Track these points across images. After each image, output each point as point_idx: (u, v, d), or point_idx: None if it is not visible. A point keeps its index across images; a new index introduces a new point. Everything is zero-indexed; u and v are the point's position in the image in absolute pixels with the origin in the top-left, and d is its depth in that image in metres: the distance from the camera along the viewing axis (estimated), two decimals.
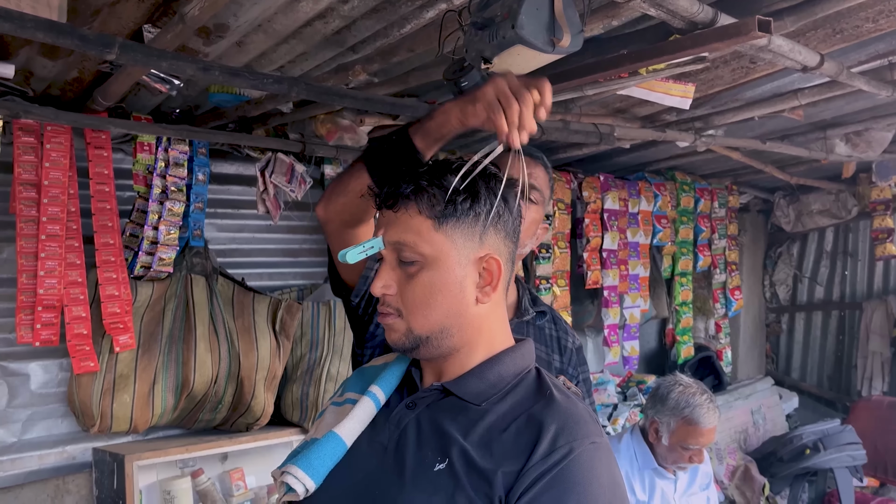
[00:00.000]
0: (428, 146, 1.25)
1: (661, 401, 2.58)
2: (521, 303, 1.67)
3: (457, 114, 1.21)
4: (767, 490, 4.37)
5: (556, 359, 1.67)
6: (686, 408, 2.51)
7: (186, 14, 1.71)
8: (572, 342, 1.72)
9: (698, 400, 2.52)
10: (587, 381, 1.74)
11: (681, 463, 2.59)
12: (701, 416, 2.50)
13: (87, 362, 2.67)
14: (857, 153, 3.61)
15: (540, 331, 1.68)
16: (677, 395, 2.55)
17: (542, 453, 1.00)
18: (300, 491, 1.09)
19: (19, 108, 2.44)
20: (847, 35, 2.09)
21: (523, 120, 1.13)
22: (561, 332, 1.71)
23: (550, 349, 1.68)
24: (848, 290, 5.53)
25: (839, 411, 5.37)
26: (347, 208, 1.35)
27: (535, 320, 1.68)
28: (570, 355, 1.70)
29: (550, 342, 1.68)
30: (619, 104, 2.95)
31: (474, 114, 1.18)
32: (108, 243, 2.75)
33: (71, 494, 2.85)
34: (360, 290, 1.45)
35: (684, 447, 2.54)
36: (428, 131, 1.24)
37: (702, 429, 2.50)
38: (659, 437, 2.57)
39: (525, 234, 1.60)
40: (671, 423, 2.53)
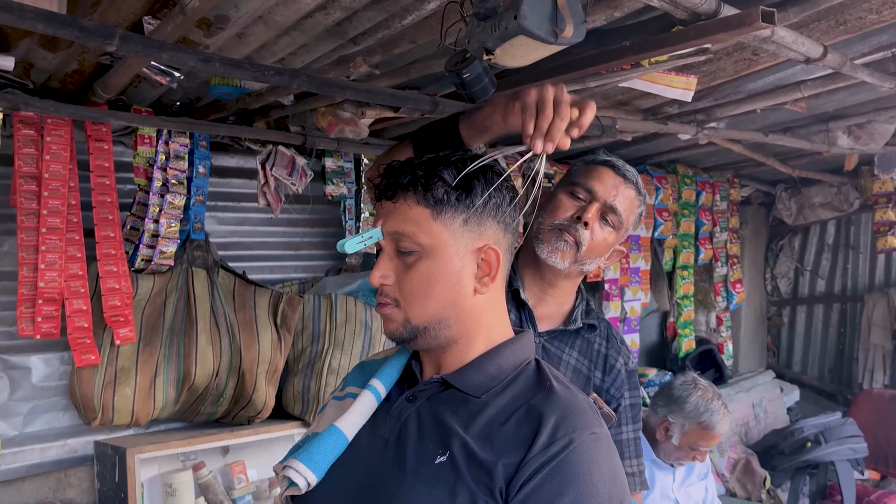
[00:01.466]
0: (472, 136, 1.28)
1: (677, 403, 2.57)
2: (574, 313, 1.62)
3: (501, 108, 1.23)
4: (768, 483, 4.37)
5: (598, 375, 1.61)
6: (704, 413, 2.53)
7: (187, 5, 1.70)
8: (624, 364, 1.64)
9: (715, 406, 2.54)
10: (635, 407, 1.66)
11: (683, 461, 2.60)
12: (717, 422, 2.53)
13: (88, 355, 2.68)
14: (860, 146, 3.60)
15: (588, 344, 1.62)
16: (696, 399, 2.55)
17: (541, 444, 1.00)
18: (302, 485, 1.09)
19: (19, 101, 2.43)
20: (850, 26, 2.08)
21: (553, 131, 1.14)
22: (612, 350, 1.64)
23: (594, 364, 1.62)
24: (849, 282, 5.53)
25: (840, 404, 5.37)
26: None
27: (585, 332, 1.62)
28: (615, 375, 1.62)
29: (596, 357, 1.62)
30: (621, 96, 2.94)
31: (513, 111, 1.20)
32: (109, 236, 2.74)
33: (73, 487, 2.85)
34: None
35: (693, 448, 2.56)
36: (474, 121, 1.28)
37: (715, 434, 2.54)
38: (669, 436, 2.57)
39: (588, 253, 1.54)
40: (686, 426, 2.54)
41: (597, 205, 1.54)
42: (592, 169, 1.58)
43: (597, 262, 1.58)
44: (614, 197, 1.55)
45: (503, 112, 1.23)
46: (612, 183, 1.56)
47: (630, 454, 1.65)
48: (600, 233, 1.55)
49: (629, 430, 1.64)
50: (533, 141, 1.15)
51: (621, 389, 1.63)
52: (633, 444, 1.65)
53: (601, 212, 1.55)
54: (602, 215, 1.55)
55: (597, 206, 1.54)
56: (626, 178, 1.58)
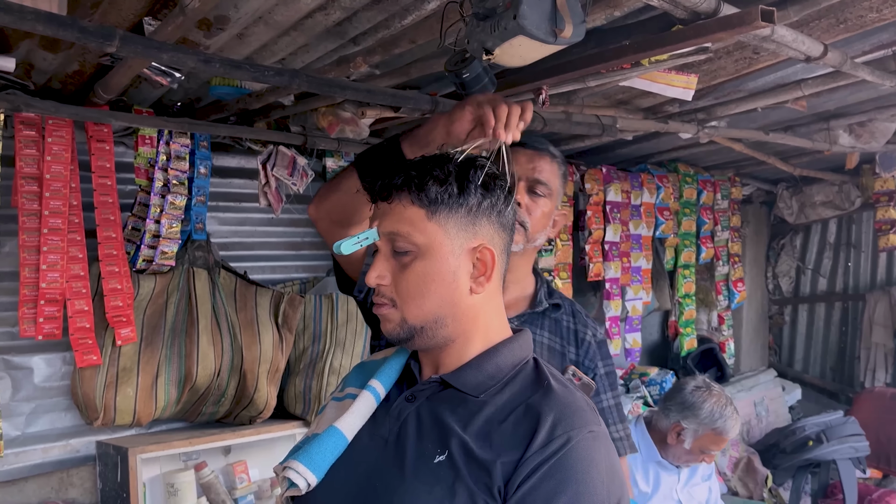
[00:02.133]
0: (415, 152, 1.31)
1: (691, 409, 2.58)
2: (538, 295, 1.68)
3: (444, 120, 1.30)
4: (770, 482, 4.37)
5: (572, 350, 1.68)
6: (719, 419, 2.55)
7: (187, 6, 1.70)
8: (592, 335, 1.71)
9: (728, 411, 2.57)
10: (610, 375, 1.74)
11: (692, 463, 2.62)
12: (730, 427, 2.56)
13: (90, 356, 2.68)
14: (861, 144, 3.60)
15: (556, 323, 1.69)
16: (711, 406, 2.56)
17: (539, 443, 1.00)
18: (302, 485, 1.10)
19: (20, 102, 2.44)
20: (851, 25, 2.08)
21: (510, 119, 1.24)
22: (580, 324, 1.71)
23: (566, 341, 1.68)
24: (851, 281, 5.52)
25: (842, 403, 5.36)
26: (337, 206, 1.42)
27: (551, 312, 1.68)
28: (587, 347, 1.69)
29: (567, 334, 1.69)
30: (621, 95, 2.94)
31: (461, 118, 1.27)
32: (111, 237, 2.75)
33: (75, 487, 2.86)
34: (363, 285, 1.49)
35: (704, 451, 2.59)
36: (416, 138, 1.33)
37: (726, 438, 2.58)
38: (680, 440, 2.57)
39: (534, 229, 1.63)
40: (699, 431, 2.56)
41: (521, 183, 1.61)
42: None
43: (544, 234, 1.67)
44: (533, 170, 1.63)
45: (446, 124, 1.29)
46: (526, 159, 1.64)
47: (614, 420, 1.71)
48: (535, 206, 1.63)
49: (608, 397, 1.72)
50: (496, 130, 1.22)
51: (595, 360, 1.70)
52: (615, 410, 1.73)
53: (528, 187, 1.63)
54: (530, 190, 1.62)
55: (521, 185, 1.61)
56: (537, 149, 1.67)
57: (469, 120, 1.27)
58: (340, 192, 1.40)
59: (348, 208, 1.40)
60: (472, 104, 1.27)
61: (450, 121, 1.29)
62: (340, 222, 1.43)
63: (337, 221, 1.43)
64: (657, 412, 2.69)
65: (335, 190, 1.42)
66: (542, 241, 1.69)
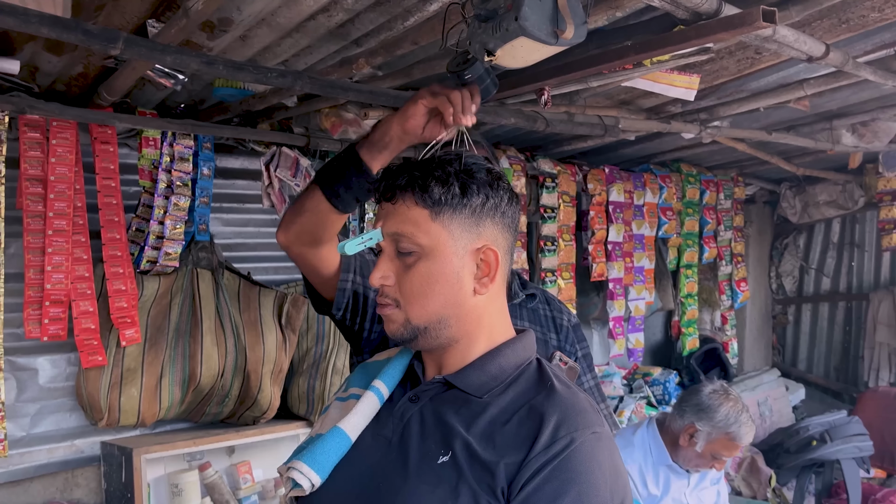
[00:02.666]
0: (374, 158, 1.31)
1: (706, 411, 2.55)
2: (511, 287, 1.70)
3: (397, 120, 1.29)
4: (774, 481, 4.37)
5: (553, 337, 1.70)
6: (734, 424, 2.51)
7: (190, 8, 1.71)
8: (568, 320, 1.74)
9: (744, 418, 2.54)
10: (588, 357, 1.77)
11: (702, 468, 2.60)
12: (745, 434, 2.53)
13: (96, 356, 2.69)
14: (864, 143, 3.60)
15: (533, 312, 1.70)
16: (727, 410, 2.53)
17: (543, 444, 1.00)
18: (306, 486, 1.10)
19: (25, 104, 2.45)
20: (853, 25, 2.08)
21: (464, 104, 1.26)
22: (555, 311, 1.74)
23: (546, 329, 1.70)
24: (855, 280, 5.51)
25: (846, 402, 5.36)
26: (306, 228, 1.38)
27: (527, 303, 1.70)
28: (566, 333, 1.72)
29: (546, 322, 1.71)
30: (623, 96, 2.94)
31: (414, 113, 1.27)
32: (115, 238, 2.76)
33: (80, 487, 2.87)
34: (340, 303, 1.47)
35: (715, 457, 2.56)
36: (372, 143, 1.32)
37: (740, 444, 2.54)
38: (693, 442, 2.55)
39: None
40: (713, 435, 2.53)
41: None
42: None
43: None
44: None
45: (400, 122, 1.29)
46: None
47: (596, 400, 1.74)
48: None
49: (589, 378, 1.75)
50: (456, 116, 1.25)
51: (574, 344, 1.73)
52: (595, 390, 1.76)
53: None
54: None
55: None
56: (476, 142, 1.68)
57: (423, 114, 1.28)
58: (307, 214, 1.37)
59: (318, 228, 1.38)
60: (424, 98, 1.27)
61: (403, 118, 1.28)
62: (312, 243, 1.40)
63: (308, 243, 1.40)
64: (671, 414, 2.67)
65: (301, 212, 1.38)
66: None
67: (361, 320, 1.50)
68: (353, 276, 1.47)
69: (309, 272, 1.47)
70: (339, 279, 1.46)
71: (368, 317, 1.49)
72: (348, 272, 1.46)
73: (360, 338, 1.51)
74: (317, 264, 1.43)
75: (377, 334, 1.51)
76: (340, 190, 1.32)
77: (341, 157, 1.34)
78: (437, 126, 1.28)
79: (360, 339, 1.52)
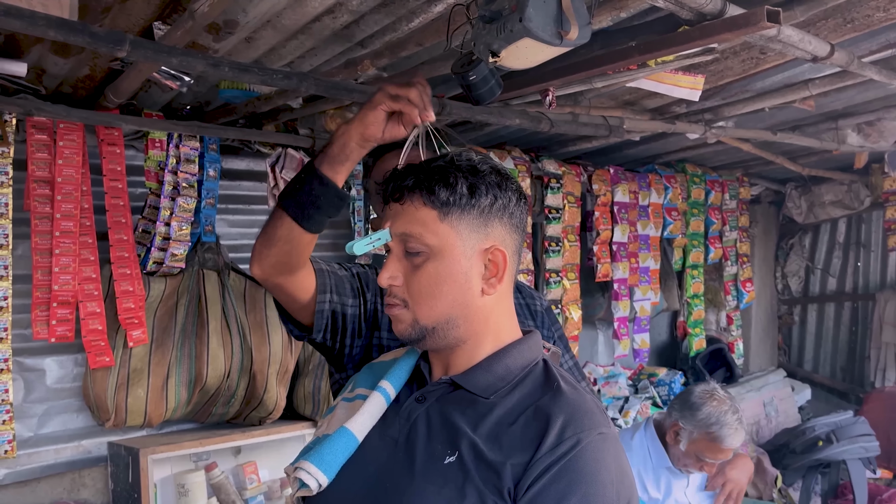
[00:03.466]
0: (336, 172, 1.26)
1: (690, 409, 2.53)
2: None
3: (355, 128, 1.23)
4: (780, 482, 4.35)
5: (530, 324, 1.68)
6: (714, 424, 2.47)
7: (196, 10, 1.72)
8: (540, 304, 1.74)
9: (728, 419, 2.48)
10: (563, 338, 1.77)
11: (691, 469, 2.57)
12: (726, 436, 2.46)
13: (103, 357, 2.70)
14: (870, 143, 3.59)
15: None
16: (710, 409, 2.49)
17: (549, 445, 1.01)
18: (313, 486, 1.11)
19: (32, 106, 2.46)
20: (858, 24, 2.08)
21: (424, 100, 1.21)
22: (527, 297, 1.73)
23: (523, 316, 1.69)
24: (861, 280, 5.50)
25: (852, 403, 5.34)
26: (281, 257, 1.32)
27: None
28: (541, 318, 1.72)
29: (521, 310, 1.69)
30: (628, 96, 2.94)
31: (374, 119, 1.22)
32: (122, 239, 2.77)
33: (87, 488, 2.88)
34: (320, 325, 1.42)
35: (700, 458, 2.52)
36: (332, 157, 1.26)
37: (723, 447, 2.48)
38: (678, 440, 2.54)
39: None
40: (694, 433, 2.50)
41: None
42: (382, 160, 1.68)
43: None
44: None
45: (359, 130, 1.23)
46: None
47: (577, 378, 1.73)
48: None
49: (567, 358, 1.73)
50: (423, 114, 1.20)
51: (551, 329, 1.72)
52: (575, 369, 1.75)
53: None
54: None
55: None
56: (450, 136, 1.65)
57: (383, 119, 1.23)
58: (280, 243, 1.30)
59: (292, 254, 1.32)
60: (383, 102, 1.22)
61: (363, 125, 1.23)
62: (288, 271, 1.35)
63: (285, 272, 1.35)
64: (665, 412, 2.68)
65: (273, 243, 1.31)
66: None
67: (342, 338, 1.46)
68: (329, 296, 1.42)
69: (286, 300, 1.41)
70: (317, 301, 1.41)
71: (349, 333, 1.46)
72: (325, 293, 1.41)
73: (341, 355, 1.48)
74: (293, 290, 1.38)
75: (359, 348, 1.48)
76: (310, 210, 1.26)
77: (301, 178, 1.28)
78: (396, 126, 1.24)
79: (341, 357, 1.48)
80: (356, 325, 1.46)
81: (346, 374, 1.48)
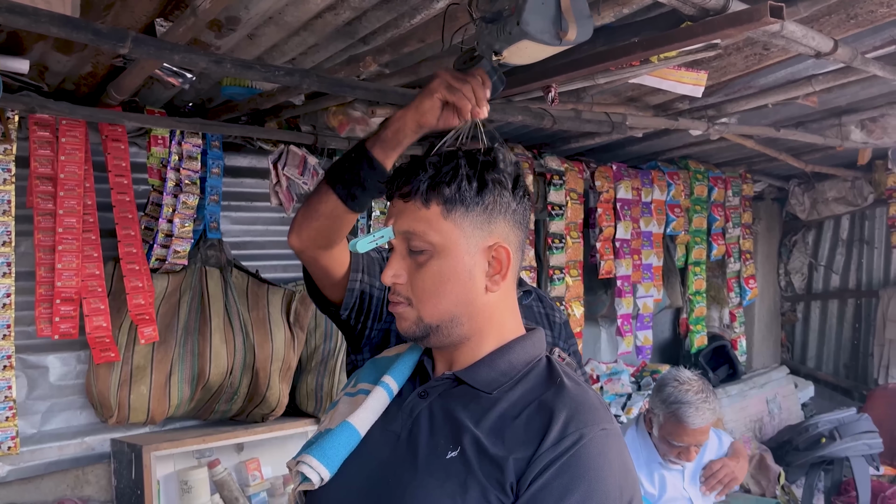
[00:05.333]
0: (387, 156, 1.29)
1: (657, 390, 2.52)
2: None
3: (412, 115, 1.27)
4: (783, 479, 4.35)
5: (548, 334, 1.70)
6: (674, 404, 2.42)
7: (198, 7, 1.72)
8: (559, 317, 1.76)
9: (689, 398, 2.41)
10: (576, 354, 1.79)
11: (670, 457, 2.52)
12: (687, 415, 2.39)
13: (108, 352, 2.71)
14: (873, 140, 3.58)
15: (528, 309, 1.71)
16: (671, 388, 2.45)
17: (552, 440, 1.00)
18: (315, 480, 1.10)
19: (35, 103, 2.46)
20: (861, 20, 2.07)
21: (479, 95, 1.24)
22: (548, 308, 1.75)
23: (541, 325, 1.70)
24: (864, 277, 5.49)
25: (855, 400, 5.33)
26: (321, 232, 1.37)
27: (522, 300, 1.70)
28: (559, 330, 1.73)
29: (540, 319, 1.72)
30: (630, 93, 2.94)
31: (431, 108, 1.25)
32: (130, 234, 2.77)
33: (90, 485, 2.89)
34: (349, 303, 1.46)
35: (670, 443, 2.48)
36: (385, 141, 1.29)
37: (687, 428, 2.41)
38: (652, 426, 2.55)
39: None
40: (660, 417, 2.48)
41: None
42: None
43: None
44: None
45: (415, 118, 1.26)
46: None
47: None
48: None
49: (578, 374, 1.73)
50: (475, 111, 1.24)
51: (568, 341, 1.74)
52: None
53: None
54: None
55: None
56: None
57: (438, 107, 1.26)
58: (322, 218, 1.35)
59: (332, 230, 1.37)
60: (440, 91, 1.24)
61: (418, 113, 1.26)
62: (326, 245, 1.39)
63: (322, 246, 1.39)
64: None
65: (315, 216, 1.36)
66: None
67: (365, 319, 1.50)
68: (361, 276, 1.46)
69: (320, 275, 1.46)
70: (349, 279, 1.45)
71: (372, 315, 1.50)
72: (357, 272, 1.46)
73: (361, 337, 1.52)
74: (329, 265, 1.43)
75: (378, 332, 1.52)
76: (357, 191, 1.30)
77: (352, 158, 1.31)
78: (451, 116, 1.26)
79: (360, 338, 1.52)
80: (379, 308, 1.49)
81: (362, 357, 1.51)
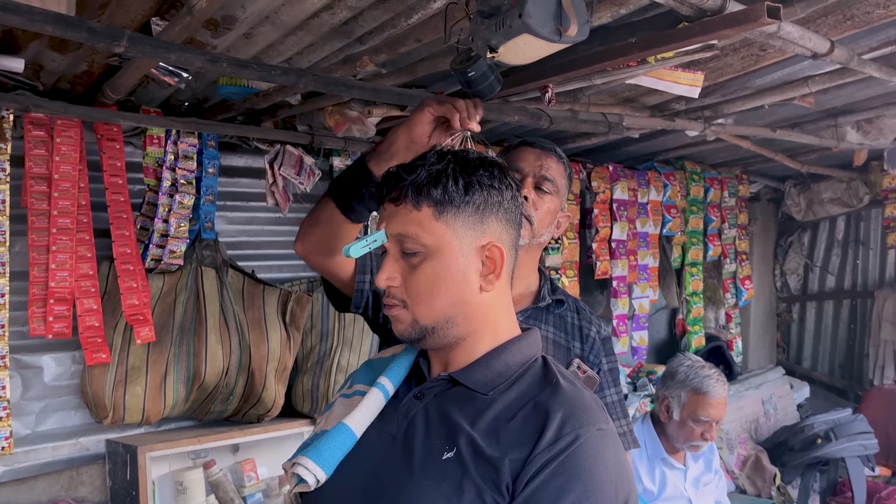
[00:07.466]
0: (381, 168, 1.34)
1: (670, 377, 2.63)
2: (541, 291, 1.72)
3: (403, 129, 1.36)
4: (779, 479, 4.36)
5: (577, 346, 1.71)
6: (695, 378, 2.56)
7: (194, 6, 1.71)
8: (596, 332, 1.75)
9: (706, 372, 2.59)
10: (613, 371, 1.78)
11: (693, 441, 2.58)
12: (710, 385, 2.55)
13: (100, 354, 2.70)
14: (869, 141, 3.59)
15: (560, 318, 1.72)
16: (686, 369, 2.61)
17: (548, 440, 1.00)
18: (311, 482, 1.10)
19: (29, 103, 2.45)
20: (858, 21, 2.07)
21: (469, 111, 1.32)
22: (584, 321, 1.75)
23: (571, 336, 1.71)
24: (859, 278, 5.50)
25: (851, 400, 5.35)
26: (322, 240, 1.47)
27: (555, 308, 1.71)
28: (592, 343, 1.73)
29: (572, 330, 1.72)
30: (627, 93, 2.94)
31: (420, 121, 1.33)
32: (124, 234, 2.77)
33: (85, 485, 2.88)
34: (359, 302, 1.56)
35: (695, 420, 2.55)
36: (380, 154, 1.39)
37: (711, 399, 2.54)
38: (670, 413, 2.59)
39: (540, 224, 1.66)
40: (682, 396, 2.57)
41: (528, 179, 1.65)
42: (513, 152, 1.72)
43: (549, 231, 1.71)
44: (540, 167, 1.67)
45: (406, 132, 1.35)
46: (534, 157, 1.68)
47: (618, 415, 1.76)
48: (541, 202, 1.67)
49: (612, 392, 1.76)
50: (463, 121, 1.31)
51: (599, 356, 1.73)
52: (618, 405, 1.77)
53: (535, 184, 1.66)
54: (537, 186, 1.66)
55: (529, 181, 1.65)
56: (545, 148, 1.70)
57: (429, 121, 1.34)
58: (322, 226, 1.46)
59: (333, 238, 1.45)
60: (430, 105, 1.33)
61: (409, 126, 1.34)
62: (328, 252, 1.48)
63: (324, 252, 1.49)
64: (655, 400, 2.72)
65: (317, 225, 1.47)
66: (547, 238, 1.72)
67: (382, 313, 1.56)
68: (369, 277, 1.54)
69: (330, 276, 1.55)
70: (356, 281, 1.54)
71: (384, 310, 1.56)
72: (365, 273, 1.54)
73: (383, 329, 1.58)
74: (334, 270, 1.52)
75: None
76: (354, 202, 1.40)
77: (352, 171, 1.41)
78: (442, 133, 1.33)
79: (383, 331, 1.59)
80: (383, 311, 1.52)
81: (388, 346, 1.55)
